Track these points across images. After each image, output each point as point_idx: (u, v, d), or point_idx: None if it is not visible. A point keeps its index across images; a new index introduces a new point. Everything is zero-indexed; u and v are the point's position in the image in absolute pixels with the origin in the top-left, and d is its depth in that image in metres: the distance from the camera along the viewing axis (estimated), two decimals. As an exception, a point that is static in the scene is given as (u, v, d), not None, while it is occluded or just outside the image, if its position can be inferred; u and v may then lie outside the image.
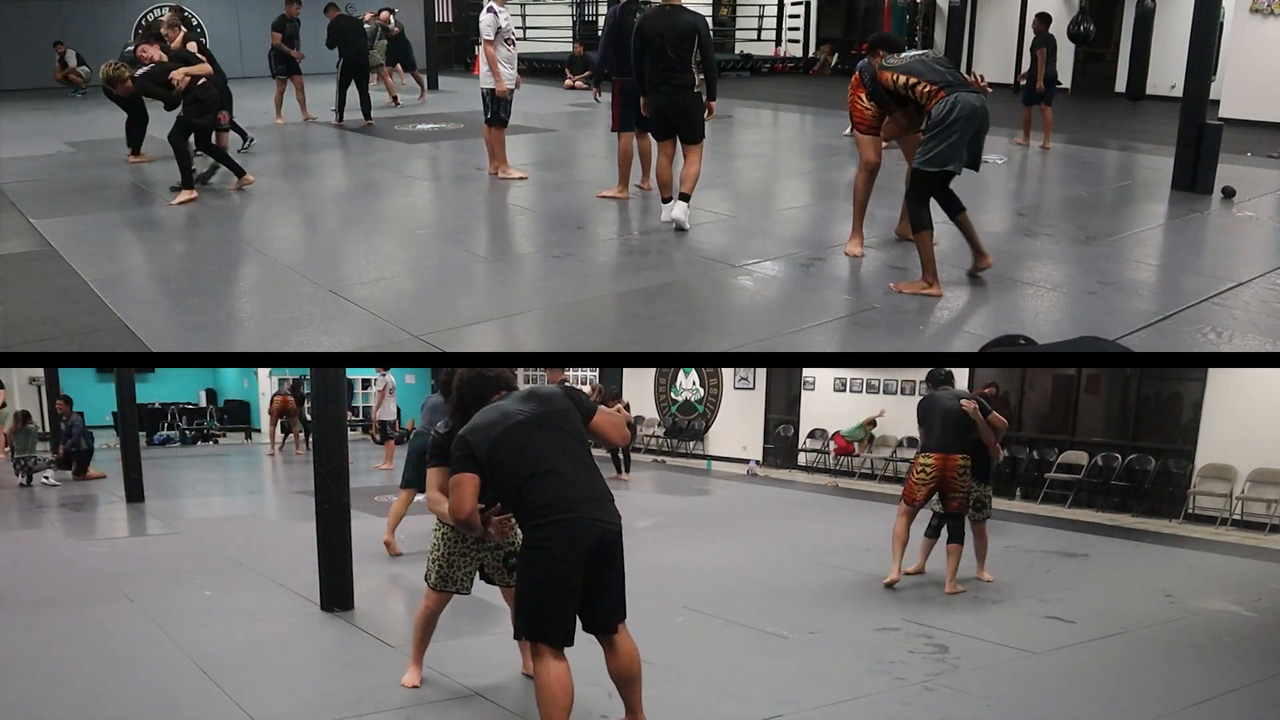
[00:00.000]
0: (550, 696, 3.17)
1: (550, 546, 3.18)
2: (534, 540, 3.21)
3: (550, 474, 3.24)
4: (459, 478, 3.26)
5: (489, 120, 8.82)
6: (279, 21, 12.85)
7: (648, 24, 6.92)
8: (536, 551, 3.21)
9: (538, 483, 3.22)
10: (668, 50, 6.83)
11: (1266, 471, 9.09)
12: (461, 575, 4.14)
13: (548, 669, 3.19)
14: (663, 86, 6.98)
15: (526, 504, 3.22)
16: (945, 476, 6.12)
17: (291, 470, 13.05)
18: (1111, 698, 4.30)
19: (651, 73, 6.99)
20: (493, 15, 8.46)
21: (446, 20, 24.24)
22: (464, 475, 3.25)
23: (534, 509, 3.21)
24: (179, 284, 6.16)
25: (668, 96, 6.99)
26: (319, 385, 5.69)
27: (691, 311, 5.65)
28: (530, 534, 3.23)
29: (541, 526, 3.19)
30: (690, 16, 6.92)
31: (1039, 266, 6.52)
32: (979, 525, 6.51)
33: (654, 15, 6.96)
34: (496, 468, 3.24)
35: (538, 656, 3.23)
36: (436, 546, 4.15)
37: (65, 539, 8.00)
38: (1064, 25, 17.45)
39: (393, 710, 3.92)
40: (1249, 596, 6.29)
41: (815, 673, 4.58)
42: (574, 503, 3.22)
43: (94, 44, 18.26)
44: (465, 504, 3.24)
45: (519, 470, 3.23)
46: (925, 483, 6.17)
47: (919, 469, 6.23)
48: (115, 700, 4.14)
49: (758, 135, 13.22)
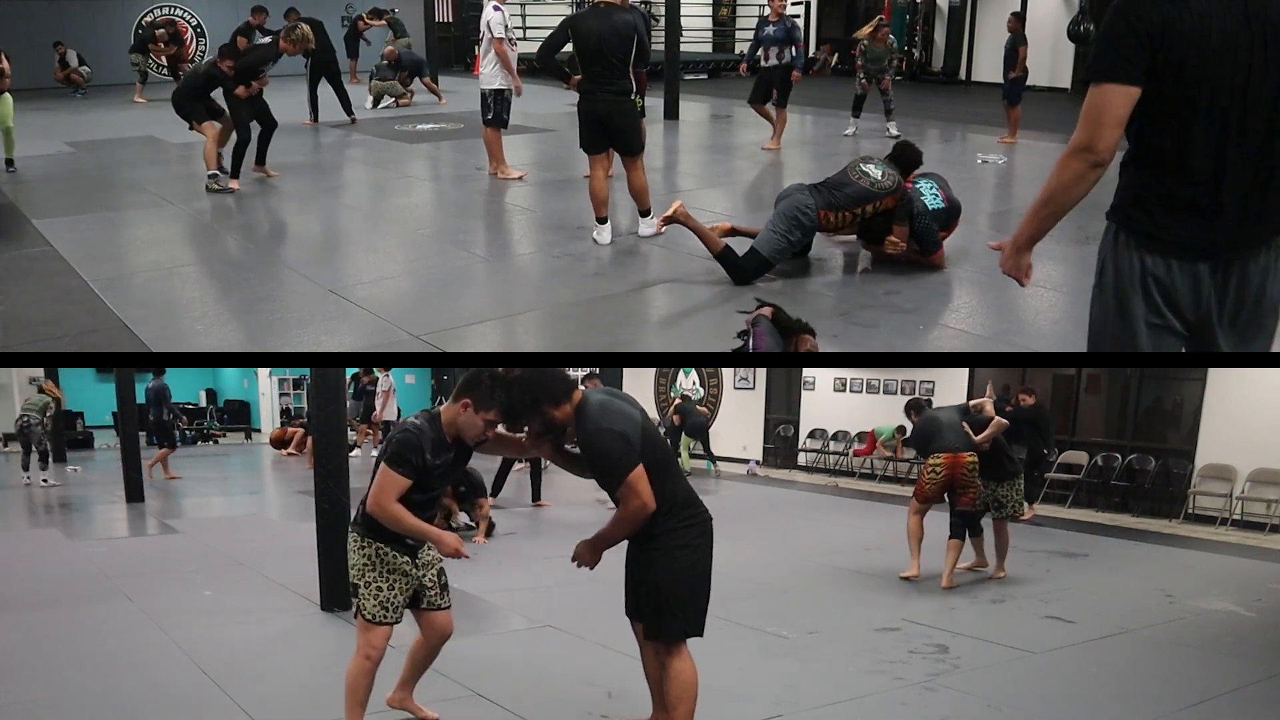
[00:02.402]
0: (692, 691, 3.20)
1: (700, 544, 3.18)
2: (684, 539, 3.14)
3: (677, 467, 3.24)
4: (640, 472, 3.03)
5: (488, 121, 8.82)
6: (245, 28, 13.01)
7: (581, 23, 6.36)
8: (686, 550, 3.15)
9: (671, 477, 3.17)
10: (604, 53, 6.26)
11: (1266, 471, 9.09)
12: (400, 601, 3.43)
13: (687, 664, 3.21)
14: (598, 93, 6.39)
15: (674, 499, 3.14)
16: (955, 475, 6.26)
17: (291, 470, 13.04)
18: (1111, 698, 4.30)
19: (586, 78, 6.41)
20: (501, 13, 8.44)
21: (446, 20, 24.23)
22: (641, 469, 3.03)
23: (677, 504, 3.15)
24: (179, 283, 6.16)
25: (605, 104, 6.41)
26: (319, 385, 5.68)
27: (692, 311, 5.65)
28: (676, 532, 3.14)
29: (691, 525, 3.17)
30: (629, 16, 6.36)
31: (1039, 266, 6.42)
32: (999, 523, 6.64)
33: (589, 14, 6.42)
34: (645, 465, 3.07)
35: (677, 652, 3.21)
36: (372, 567, 3.35)
37: (65, 539, 7.99)
38: (1064, 25, 17.53)
39: (393, 710, 3.91)
40: (1249, 596, 6.29)
41: (815, 673, 4.58)
42: (699, 500, 3.23)
43: (94, 44, 18.29)
44: (650, 498, 3.05)
45: (657, 462, 3.10)
46: (936, 481, 6.32)
47: (930, 469, 6.36)
48: (115, 700, 4.14)
49: (758, 135, 13.20)
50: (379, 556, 3.34)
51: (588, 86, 6.41)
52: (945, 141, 12.43)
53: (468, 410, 3.19)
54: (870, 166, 6.46)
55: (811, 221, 6.16)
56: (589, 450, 3.10)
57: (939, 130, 13.05)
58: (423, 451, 3.20)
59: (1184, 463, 9.69)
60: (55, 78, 18.01)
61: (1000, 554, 6.68)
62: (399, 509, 3.23)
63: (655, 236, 6.82)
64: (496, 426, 3.28)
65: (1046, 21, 18.38)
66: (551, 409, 3.11)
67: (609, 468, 3.05)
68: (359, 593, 3.37)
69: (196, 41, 21.23)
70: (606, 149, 6.70)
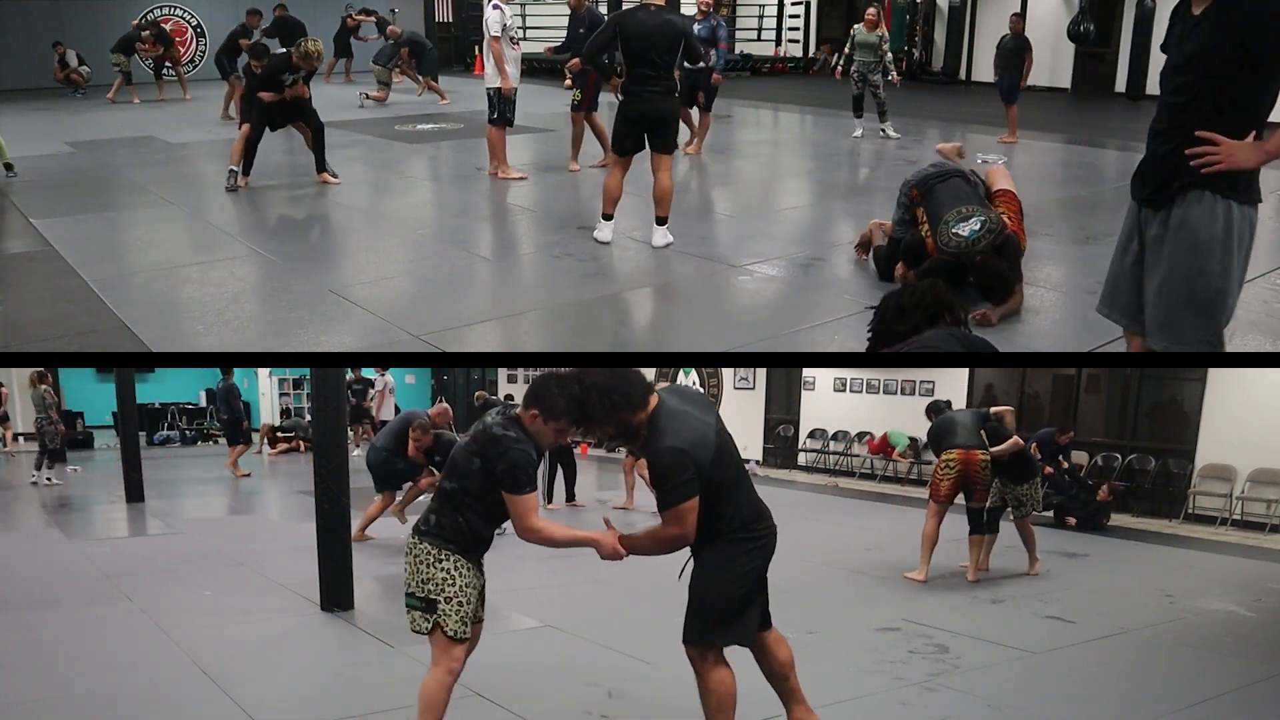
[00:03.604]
0: (732, 700, 3.16)
1: (761, 559, 3.16)
2: (737, 551, 3.10)
3: (748, 479, 3.18)
4: (693, 504, 2.95)
5: (493, 120, 8.82)
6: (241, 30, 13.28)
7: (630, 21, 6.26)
8: (735, 563, 3.11)
9: (741, 491, 3.12)
10: (652, 54, 6.18)
11: (1266, 471, 9.09)
12: (477, 615, 3.30)
13: (726, 674, 3.17)
14: (644, 93, 6.27)
15: (738, 513, 3.09)
16: (969, 472, 6.33)
17: (291, 470, 13.05)
18: (1111, 698, 4.30)
19: (632, 79, 6.29)
20: (499, 12, 8.42)
21: (446, 20, 24.23)
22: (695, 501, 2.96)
23: (747, 519, 3.12)
24: (179, 283, 6.15)
25: (653, 104, 6.30)
26: (319, 385, 5.69)
27: (692, 311, 5.65)
28: (740, 545, 3.10)
29: (757, 539, 3.14)
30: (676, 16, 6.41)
31: (1039, 266, 6.52)
32: (1020, 522, 6.72)
33: (637, 12, 6.31)
34: (714, 483, 2.99)
35: (717, 661, 3.15)
36: (453, 581, 3.13)
37: (65, 539, 7.99)
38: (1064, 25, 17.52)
39: (393, 710, 3.91)
40: (1249, 596, 6.29)
41: (815, 673, 4.57)
42: (767, 513, 3.20)
43: (94, 44, 18.25)
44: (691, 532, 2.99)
45: (728, 479, 3.05)
46: (949, 478, 6.37)
47: (943, 465, 6.43)
48: (115, 700, 4.14)
49: (758, 135, 13.22)
50: (457, 570, 3.13)
51: (633, 87, 6.26)
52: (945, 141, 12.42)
53: (536, 421, 3.05)
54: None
55: None
56: (651, 465, 3.00)
57: (939, 130, 13.04)
58: (536, 461, 3.13)
59: (1184, 463, 9.69)
60: (55, 78, 18.01)
61: (1030, 550, 6.77)
62: (546, 524, 3.14)
63: (666, 247, 6.74)
64: (567, 433, 3.15)
65: (1046, 21, 18.38)
66: (630, 416, 2.97)
67: (667, 488, 2.95)
68: (439, 609, 3.11)
69: (196, 42, 21.23)
70: (639, 151, 6.51)
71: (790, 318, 5.48)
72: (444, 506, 3.16)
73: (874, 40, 11.40)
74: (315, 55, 8.48)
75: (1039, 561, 6.80)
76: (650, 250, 6.69)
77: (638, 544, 3.13)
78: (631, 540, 3.15)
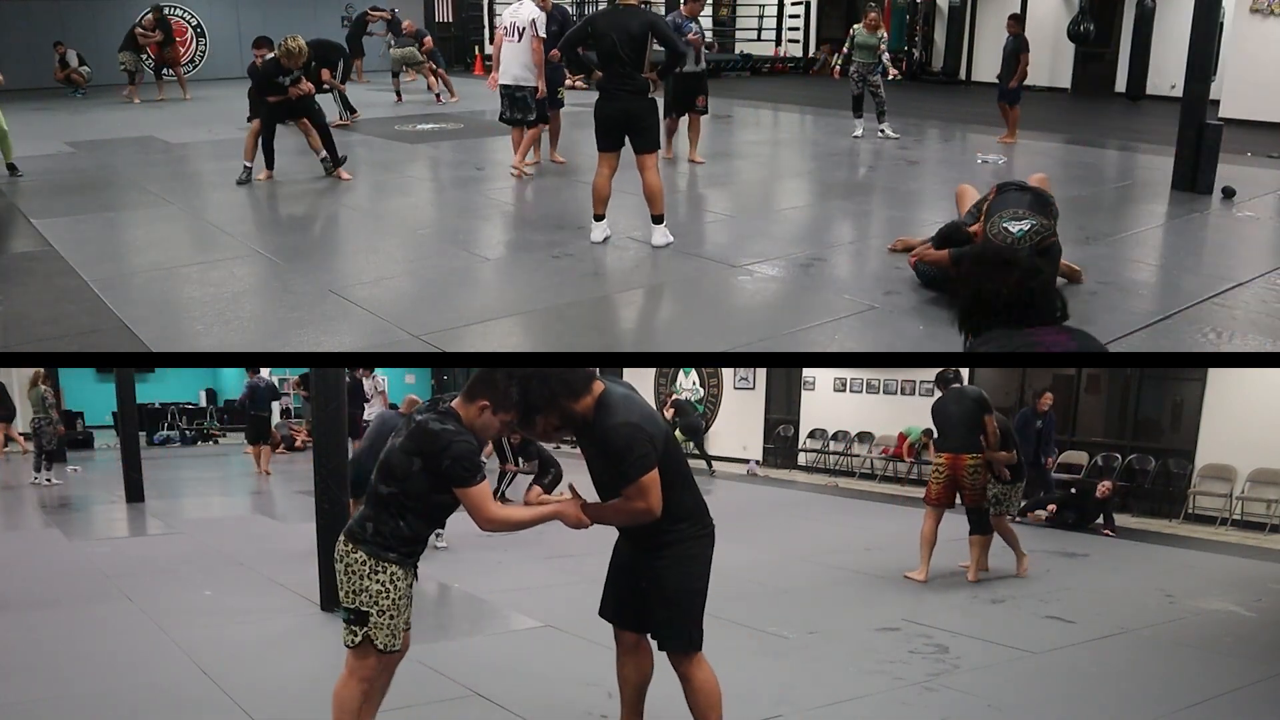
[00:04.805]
0: (717, 697, 3.19)
1: (708, 554, 3.17)
2: (695, 550, 3.12)
3: (692, 476, 3.19)
4: (654, 477, 2.94)
5: (531, 122, 8.99)
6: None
7: (599, 22, 6.39)
8: (696, 562, 3.13)
9: (689, 486, 3.13)
10: (620, 50, 6.21)
11: (1266, 471, 9.09)
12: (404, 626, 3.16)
13: (709, 671, 3.19)
14: (616, 92, 6.35)
15: (682, 506, 3.08)
16: (958, 475, 6.37)
17: (291, 470, 13.05)
18: (1111, 698, 4.30)
19: (605, 76, 6.38)
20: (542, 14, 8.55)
21: (446, 20, 24.24)
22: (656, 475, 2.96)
23: (692, 513, 3.12)
24: (179, 283, 6.15)
25: (624, 103, 6.35)
26: (319, 385, 5.69)
27: (692, 311, 5.65)
28: (688, 542, 3.10)
29: (704, 536, 3.15)
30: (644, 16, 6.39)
31: (1039, 266, 6.52)
32: (997, 520, 6.70)
33: (608, 13, 6.44)
34: (670, 468, 3.02)
35: (697, 662, 3.17)
36: (387, 594, 3.01)
37: (65, 539, 7.99)
38: (1064, 25, 17.54)
39: (393, 710, 3.91)
40: (1249, 596, 6.30)
41: (815, 673, 4.58)
42: (708, 510, 3.20)
43: (94, 44, 18.27)
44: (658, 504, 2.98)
45: (677, 469, 3.07)
46: (939, 481, 6.45)
47: (935, 469, 6.56)
48: (115, 700, 4.14)
49: (758, 135, 13.21)
50: (393, 582, 3.01)
51: (606, 85, 6.39)
52: (945, 141, 12.44)
53: (485, 412, 2.99)
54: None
55: None
56: (607, 443, 2.94)
57: (939, 130, 13.05)
58: (479, 452, 3.04)
59: (1184, 463, 9.69)
60: (55, 78, 18.00)
61: (1014, 548, 6.76)
62: (505, 510, 3.08)
63: (666, 246, 6.72)
64: (511, 426, 3.11)
65: (1046, 21, 18.39)
66: (570, 402, 2.96)
67: (626, 462, 2.91)
68: (370, 620, 3.00)
69: (196, 42, 21.24)
70: (619, 148, 6.58)
71: (790, 318, 5.48)
72: (382, 513, 3.01)
73: (874, 42, 11.37)
74: (298, 52, 8.64)
75: (1026, 557, 6.80)
76: (650, 250, 6.69)
77: (603, 514, 3.06)
78: (597, 510, 3.08)
